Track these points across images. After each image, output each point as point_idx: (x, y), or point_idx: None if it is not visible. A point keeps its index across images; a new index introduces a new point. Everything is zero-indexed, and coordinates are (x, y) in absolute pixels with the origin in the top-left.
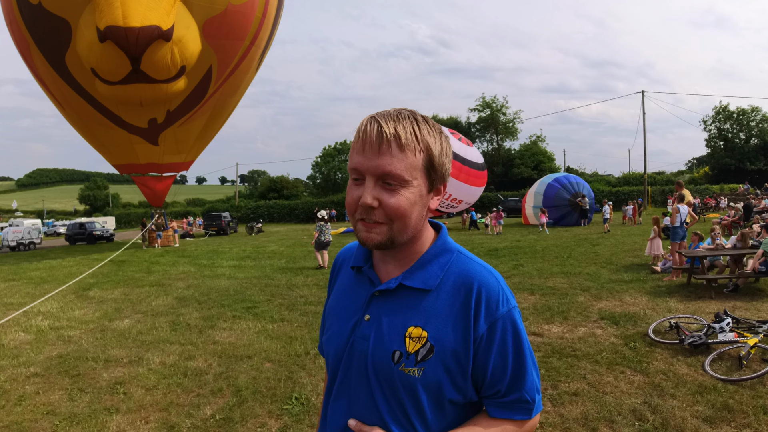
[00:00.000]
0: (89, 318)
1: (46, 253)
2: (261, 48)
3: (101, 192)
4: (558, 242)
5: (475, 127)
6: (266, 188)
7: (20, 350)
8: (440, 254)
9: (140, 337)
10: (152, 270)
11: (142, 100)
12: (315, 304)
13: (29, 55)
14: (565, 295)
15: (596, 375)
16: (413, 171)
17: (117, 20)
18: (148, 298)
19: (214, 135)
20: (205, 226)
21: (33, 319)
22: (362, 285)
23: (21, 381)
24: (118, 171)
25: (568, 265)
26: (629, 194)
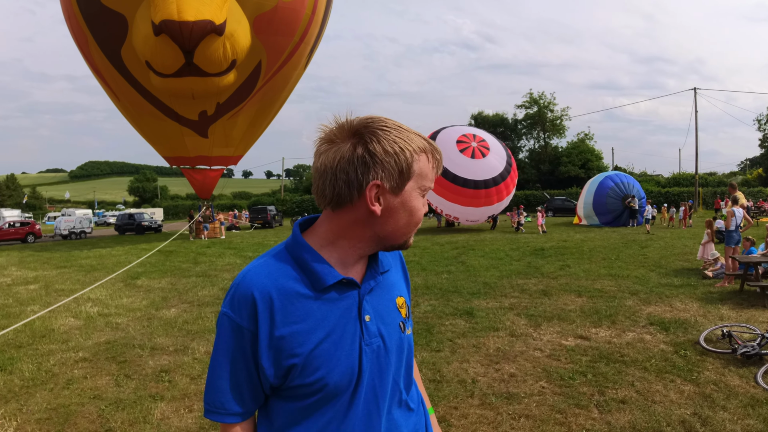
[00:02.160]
0: (137, 306)
1: (96, 242)
2: (310, 45)
3: (150, 184)
4: (605, 243)
5: (522, 124)
6: (311, 183)
7: (70, 335)
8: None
9: (186, 326)
10: (199, 261)
11: (194, 93)
12: None
13: (87, 49)
14: (613, 299)
15: (645, 383)
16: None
17: (172, 14)
18: (194, 288)
19: (263, 130)
20: (251, 218)
21: (83, 305)
22: (342, 296)
23: (69, 365)
24: (168, 163)
25: (615, 268)
26: (679, 195)
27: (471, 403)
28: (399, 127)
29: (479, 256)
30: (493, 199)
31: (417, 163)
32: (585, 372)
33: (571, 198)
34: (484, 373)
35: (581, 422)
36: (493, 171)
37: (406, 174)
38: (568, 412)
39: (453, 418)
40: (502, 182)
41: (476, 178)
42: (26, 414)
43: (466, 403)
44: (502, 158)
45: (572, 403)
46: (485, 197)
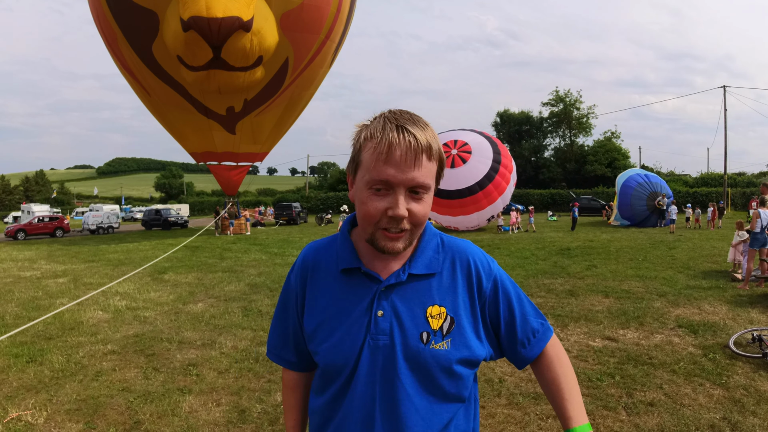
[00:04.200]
0: (164, 300)
1: (123, 237)
2: (335, 42)
3: (176, 180)
4: (633, 244)
5: (548, 122)
6: (336, 180)
7: (98, 328)
8: (430, 240)
9: (213, 321)
10: (225, 256)
11: (220, 87)
12: None
13: (117, 46)
14: (641, 300)
15: (673, 386)
16: (433, 177)
17: (201, 11)
18: (220, 284)
19: (288, 127)
20: (276, 215)
21: (111, 299)
22: (360, 285)
23: (98, 357)
24: (195, 159)
25: (643, 269)
26: (707, 196)
27: (498, 402)
28: (389, 113)
29: (504, 255)
30: (482, 203)
31: (363, 152)
32: (613, 374)
33: (597, 197)
34: (511, 373)
35: (609, 424)
36: (476, 176)
37: (356, 162)
38: (596, 413)
39: (480, 417)
40: (490, 184)
41: (459, 187)
42: (56, 405)
43: (494, 402)
44: (486, 158)
45: (600, 405)
46: (473, 203)
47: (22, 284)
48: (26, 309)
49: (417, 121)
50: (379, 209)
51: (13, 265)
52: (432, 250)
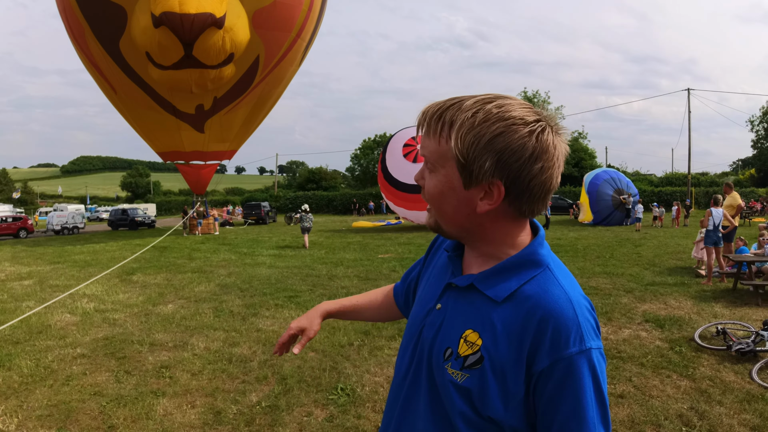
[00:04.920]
0: (133, 302)
1: (89, 238)
2: (306, 41)
3: (143, 179)
4: (599, 242)
5: None
6: (305, 179)
7: (67, 331)
8: (523, 265)
9: (184, 322)
10: (194, 257)
11: (192, 85)
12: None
13: (84, 40)
14: (609, 296)
15: (642, 378)
16: (441, 158)
17: (173, 6)
18: (190, 284)
19: (257, 125)
20: (245, 215)
21: (78, 301)
22: (446, 271)
23: (68, 361)
24: (163, 159)
25: (610, 266)
26: (672, 195)
27: None
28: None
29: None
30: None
31: None
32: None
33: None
34: None
35: None
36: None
37: None
38: None
39: None
40: None
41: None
42: (27, 411)
43: None
44: None
45: None
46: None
47: None
48: None
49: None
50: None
51: None
52: (514, 275)
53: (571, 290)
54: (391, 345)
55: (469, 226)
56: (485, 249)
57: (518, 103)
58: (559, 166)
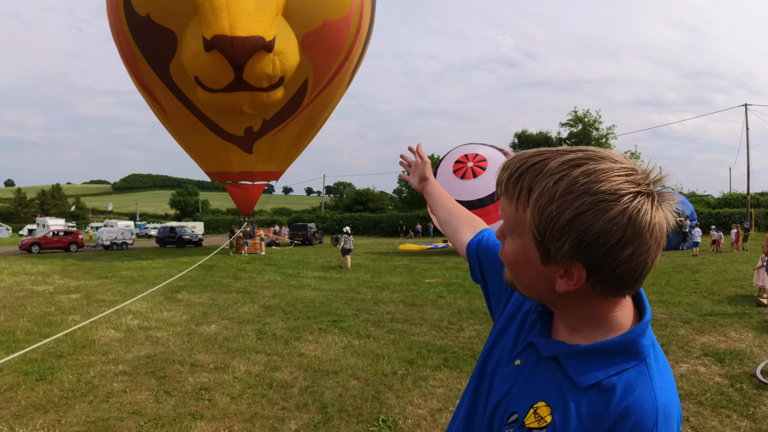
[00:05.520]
0: (177, 321)
1: (137, 254)
2: (354, 63)
3: (191, 198)
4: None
5: (566, 143)
6: (352, 200)
7: (110, 347)
8: (619, 354)
9: (226, 343)
10: (239, 276)
11: (242, 108)
12: (402, 321)
13: (135, 65)
14: (665, 327)
15: (700, 418)
16: (518, 227)
17: (224, 30)
18: (234, 305)
19: (305, 146)
20: (291, 235)
21: (123, 317)
22: (533, 324)
23: (109, 378)
24: (211, 179)
25: (666, 294)
26: (730, 217)
27: None
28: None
29: None
30: (493, 217)
31: None
32: None
33: None
34: None
35: None
36: (490, 188)
37: None
38: None
39: None
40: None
41: (470, 198)
42: (65, 426)
43: None
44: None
45: None
46: (483, 216)
47: (34, 299)
48: (38, 325)
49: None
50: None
51: (27, 278)
52: (605, 363)
53: (662, 395)
54: (436, 375)
55: (549, 298)
56: (572, 321)
57: (614, 168)
58: (657, 247)
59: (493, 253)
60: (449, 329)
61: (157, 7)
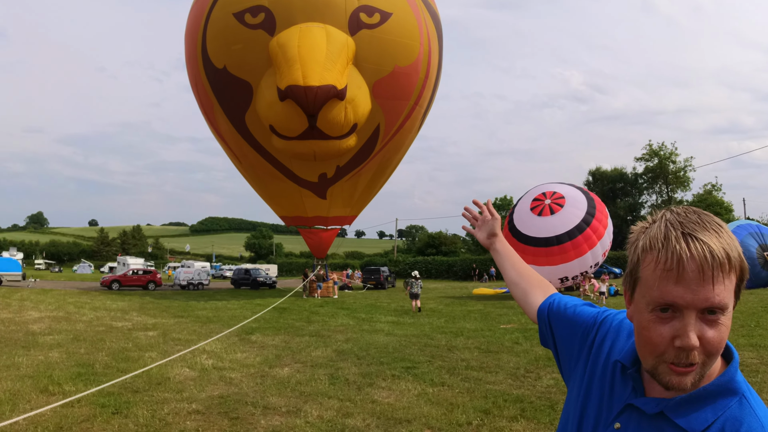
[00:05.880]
0: (250, 362)
1: (212, 295)
2: (423, 107)
3: (266, 241)
4: (742, 307)
5: (643, 178)
6: (424, 244)
7: (184, 385)
8: (720, 394)
9: (299, 387)
10: (312, 320)
11: (315, 155)
12: (477, 369)
13: (213, 114)
14: (756, 373)
15: None
16: (732, 294)
17: (298, 80)
18: (307, 348)
19: (377, 190)
20: (364, 279)
21: (198, 356)
22: (622, 385)
23: (183, 416)
24: (285, 223)
25: (756, 336)
26: None
27: None
28: (671, 215)
29: None
30: (569, 255)
31: (643, 266)
32: None
33: None
34: None
35: None
36: (566, 225)
37: (633, 278)
38: None
39: None
40: (580, 235)
41: (546, 235)
42: None
43: None
44: (579, 210)
45: None
46: (559, 254)
47: (113, 334)
48: (116, 359)
49: (708, 224)
50: (664, 337)
51: (107, 314)
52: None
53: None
54: (512, 426)
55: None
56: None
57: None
58: None
59: (564, 317)
60: (526, 377)
61: (233, 60)
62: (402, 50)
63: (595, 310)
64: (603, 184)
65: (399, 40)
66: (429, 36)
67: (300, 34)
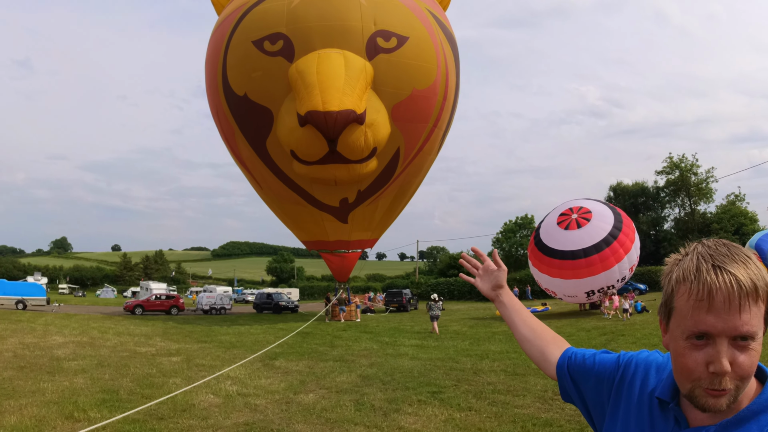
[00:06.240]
0: (275, 388)
1: (235, 319)
2: (443, 129)
3: (287, 264)
4: None
5: (665, 192)
6: (446, 265)
7: (209, 412)
8: (762, 411)
9: (324, 413)
10: (335, 344)
11: (336, 180)
12: (504, 392)
13: (234, 141)
14: None
15: None
16: (761, 321)
17: (317, 105)
18: (332, 374)
19: (398, 213)
20: (386, 302)
21: (222, 382)
22: (663, 420)
23: None
24: (307, 247)
25: None
26: None
27: None
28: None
29: (631, 342)
30: (596, 268)
31: (677, 297)
32: None
33: None
34: None
35: None
36: (594, 238)
37: (668, 308)
38: None
39: None
40: (607, 248)
41: (573, 248)
42: None
43: None
44: (606, 224)
45: None
46: (586, 266)
47: (137, 359)
48: (140, 386)
49: (736, 256)
50: (699, 363)
51: (130, 339)
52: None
53: None
54: None
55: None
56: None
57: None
58: None
59: (586, 368)
60: (554, 401)
61: (253, 87)
62: (420, 73)
63: (615, 354)
64: (625, 199)
65: (416, 63)
66: (446, 58)
67: (318, 60)
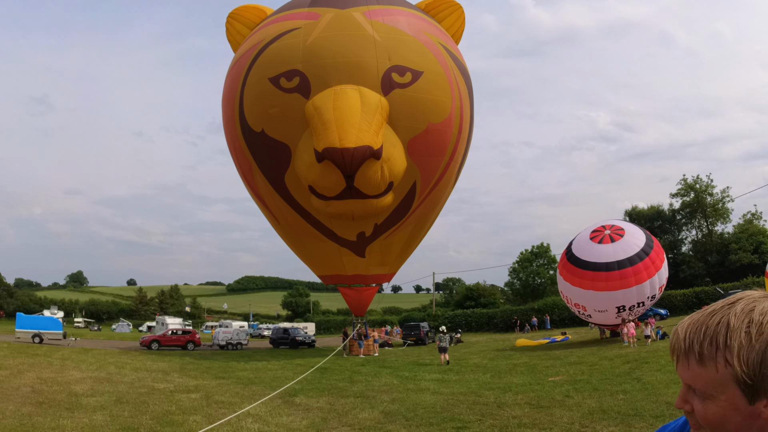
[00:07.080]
0: (297, 426)
1: (252, 355)
2: (458, 162)
3: (303, 299)
4: None
5: (680, 214)
6: (462, 296)
7: None
8: None
9: None
10: (355, 380)
11: (354, 214)
12: (529, 426)
13: (251, 176)
14: None
15: None
16: (720, 385)
17: (334, 142)
18: (353, 410)
19: (415, 247)
20: (404, 335)
21: (243, 420)
22: None
23: None
24: (324, 282)
25: None
26: None
27: None
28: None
29: (655, 370)
30: (630, 281)
31: None
32: None
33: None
34: None
35: None
36: (627, 252)
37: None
38: None
39: None
40: (640, 262)
41: (606, 260)
42: None
43: None
44: (639, 240)
45: None
46: (619, 279)
47: (156, 396)
48: (160, 423)
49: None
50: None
51: (147, 375)
52: None
53: None
54: None
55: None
56: None
57: None
58: None
59: None
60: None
61: (270, 123)
62: (435, 107)
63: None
64: (640, 223)
65: (431, 97)
66: (460, 91)
67: (335, 96)
